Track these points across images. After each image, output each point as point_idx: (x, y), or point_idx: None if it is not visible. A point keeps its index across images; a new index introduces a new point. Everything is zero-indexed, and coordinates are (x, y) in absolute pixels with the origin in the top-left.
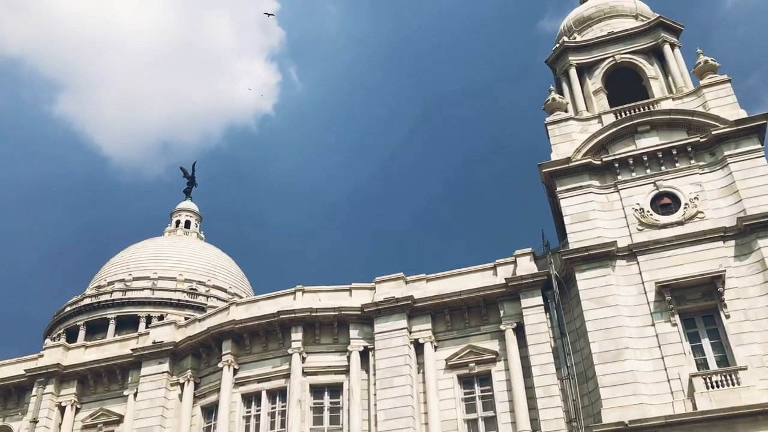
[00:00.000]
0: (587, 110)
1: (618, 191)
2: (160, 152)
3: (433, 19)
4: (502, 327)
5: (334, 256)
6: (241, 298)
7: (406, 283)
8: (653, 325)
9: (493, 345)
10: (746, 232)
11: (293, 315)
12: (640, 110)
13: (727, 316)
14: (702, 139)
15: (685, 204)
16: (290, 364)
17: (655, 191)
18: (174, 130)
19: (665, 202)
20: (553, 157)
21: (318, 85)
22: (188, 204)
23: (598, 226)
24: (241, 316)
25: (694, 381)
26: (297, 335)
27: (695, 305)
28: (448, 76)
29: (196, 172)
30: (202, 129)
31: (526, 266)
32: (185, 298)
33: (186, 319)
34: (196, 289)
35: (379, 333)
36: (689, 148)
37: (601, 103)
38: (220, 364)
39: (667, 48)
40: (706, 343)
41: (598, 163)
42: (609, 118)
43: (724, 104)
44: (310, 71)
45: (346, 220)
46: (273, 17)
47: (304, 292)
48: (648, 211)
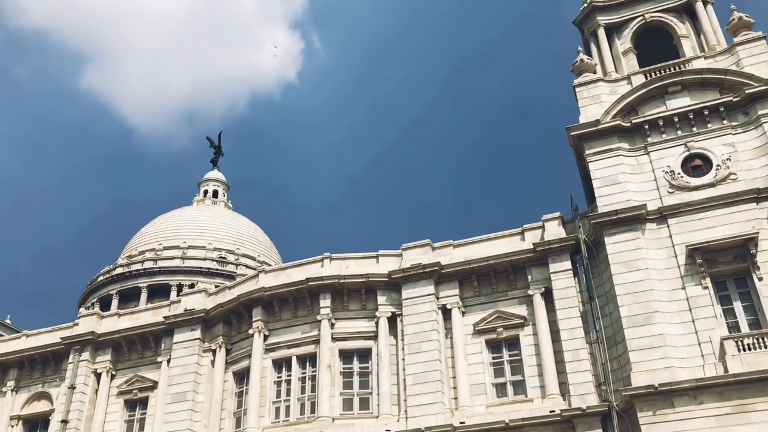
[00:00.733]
0: (616, 71)
1: (648, 153)
2: (185, 122)
3: None
4: (530, 292)
5: (361, 224)
6: (270, 266)
7: (433, 249)
8: (684, 288)
9: (521, 310)
10: None
11: (321, 282)
12: (670, 70)
13: (760, 279)
14: (735, 99)
15: (717, 165)
16: (319, 330)
17: (686, 153)
18: (199, 100)
19: (696, 164)
20: (582, 120)
21: (341, 52)
22: (215, 174)
23: (628, 189)
24: (271, 284)
25: (726, 344)
26: (325, 302)
27: (727, 268)
28: (474, 39)
29: (222, 142)
30: (226, 98)
31: (555, 231)
32: (215, 267)
33: (216, 287)
34: (225, 258)
35: (407, 299)
36: (722, 108)
37: (631, 63)
38: (250, 331)
39: (699, 5)
40: (737, 306)
41: (628, 125)
42: (639, 79)
43: (758, 62)
44: (333, 38)
45: (372, 186)
46: None
47: (332, 259)
48: (679, 174)
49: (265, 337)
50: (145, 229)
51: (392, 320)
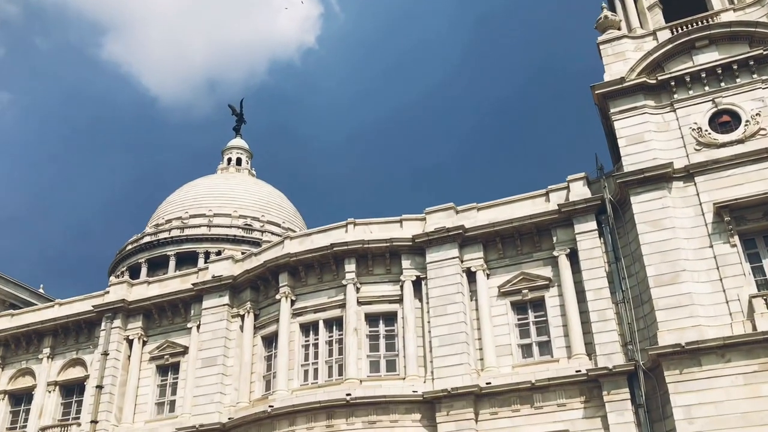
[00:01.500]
0: (641, 27)
1: (674, 111)
2: (207, 91)
3: None
4: (555, 253)
5: (385, 188)
6: (295, 232)
7: (457, 212)
8: (711, 246)
9: (546, 271)
10: None
11: (346, 247)
12: (698, 24)
13: None
14: (765, 52)
15: (746, 121)
16: (345, 295)
17: (714, 109)
18: (219, 68)
19: (724, 120)
20: (606, 78)
21: (360, 15)
22: (238, 141)
23: (654, 148)
24: (296, 250)
25: (754, 302)
26: (350, 266)
27: (756, 225)
28: None
29: (244, 109)
30: (246, 65)
31: (580, 191)
32: (241, 234)
33: (243, 253)
34: (250, 225)
35: (431, 263)
36: (751, 62)
37: (656, 18)
38: (277, 296)
39: None
40: (766, 264)
41: (654, 82)
42: (665, 35)
43: None
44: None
45: (394, 150)
46: None
47: (356, 224)
48: (706, 130)
49: (292, 302)
50: (171, 197)
51: (417, 284)
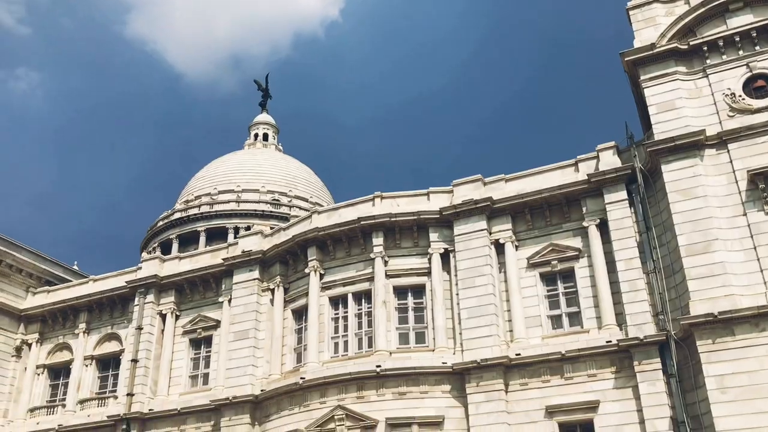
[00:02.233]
0: None
1: (707, 76)
2: (232, 66)
3: None
4: (585, 224)
5: (411, 161)
6: (322, 206)
7: (485, 184)
8: (745, 214)
9: (576, 242)
10: None
11: (373, 221)
12: None
13: None
14: None
15: None
16: (373, 268)
17: (748, 74)
18: (244, 43)
19: (759, 85)
20: (636, 44)
21: None
22: (265, 117)
23: (686, 115)
24: (324, 224)
25: None
26: (378, 240)
27: None
28: None
29: (269, 84)
30: (270, 40)
31: (609, 160)
32: (269, 209)
33: (271, 228)
34: (278, 200)
35: (459, 235)
36: None
37: None
38: (306, 270)
39: None
40: None
41: (685, 47)
42: None
43: None
44: None
45: (421, 123)
46: None
47: (383, 198)
48: (740, 96)
49: (321, 276)
50: (200, 174)
51: (445, 256)
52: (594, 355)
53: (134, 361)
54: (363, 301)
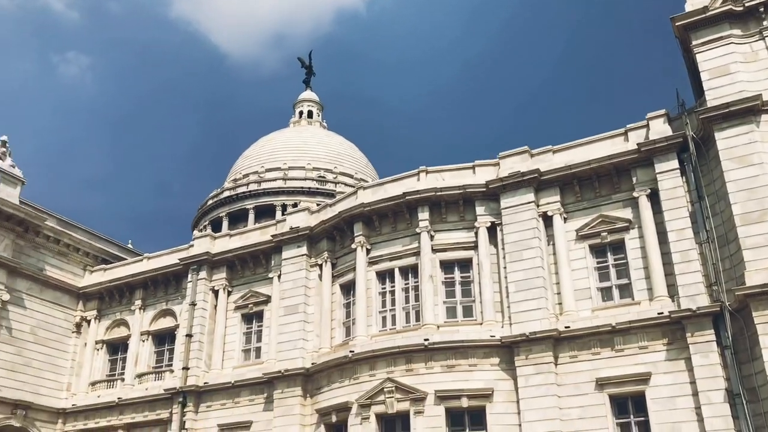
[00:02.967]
0: None
1: (763, 39)
2: (274, 45)
3: None
4: (635, 194)
5: (455, 135)
6: (367, 182)
7: (531, 156)
8: None
9: (626, 213)
10: None
11: (418, 195)
12: None
13: None
14: None
15: None
16: (419, 243)
17: None
18: (286, 21)
19: None
20: (688, 8)
21: None
22: (309, 94)
23: (740, 80)
24: (369, 199)
25: None
26: (424, 214)
27: None
28: None
29: (312, 61)
30: (312, 17)
31: (660, 129)
32: (315, 186)
33: (318, 205)
34: (324, 177)
35: (506, 208)
36: None
37: None
38: (353, 245)
39: None
40: None
41: (740, 9)
42: None
43: None
44: None
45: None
46: None
47: (428, 172)
48: None
49: (368, 251)
50: (247, 152)
51: (492, 230)
52: (645, 327)
53: (189, 336)
54: (410, 275)
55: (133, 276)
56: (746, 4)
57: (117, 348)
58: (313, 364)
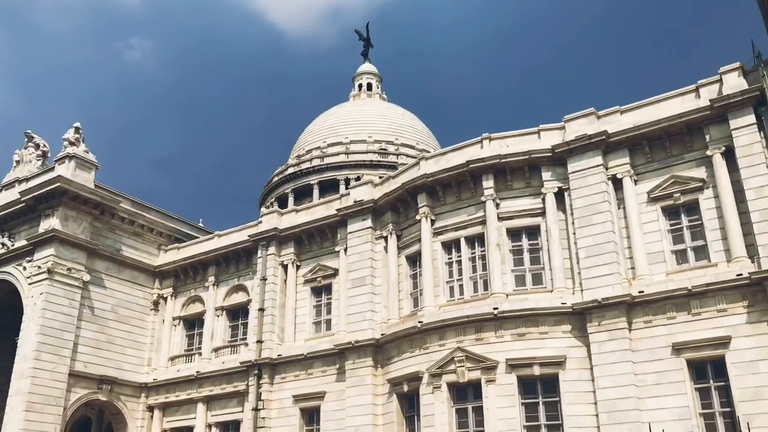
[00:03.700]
0: None
1: None
2: (331, 19)
3: None
4: (709, 152)
5: (518, 100)
6: (429, 152)
7: (598, 118)
8: None
9: (699, 172)
10: None
11: (482, 163)
12: None
13: None
14: None
15: None
16: (485, 211)
17: None
18: None
19: None
20: None
21: None
22: (368, 66)
23: None
24: (432, 170)
25: None
26: (488, 183)
27: None
28: None
29: (370, 33)
30: None
31: (734, 83)
32: (377, 159)
33: (380, 177)
34: (385, 149)
35: (573, 172)
36: None
37: None
38: (417, 216)
39: None
40: None
41: None
42: None
43: None
44: None
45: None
46: None
47: (491, 139)
48: None
49: (432, 222)
50: (309, 128)
51: (559, 195)
52: (723, 289)
53: (261, 310)
54: (476, 244)
55: (205, 254)
56: None
57: (193, 323)
58: (382, 335)
